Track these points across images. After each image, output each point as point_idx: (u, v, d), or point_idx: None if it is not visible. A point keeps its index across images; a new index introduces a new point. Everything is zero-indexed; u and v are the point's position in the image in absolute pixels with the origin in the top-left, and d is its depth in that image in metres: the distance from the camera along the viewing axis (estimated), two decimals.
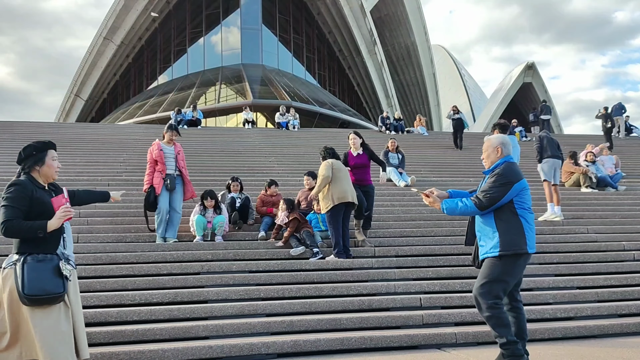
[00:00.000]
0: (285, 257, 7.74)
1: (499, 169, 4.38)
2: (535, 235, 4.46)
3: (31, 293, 3.32)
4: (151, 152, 8.31)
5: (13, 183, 3.51)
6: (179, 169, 8.34)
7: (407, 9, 47.87)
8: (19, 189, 3.48)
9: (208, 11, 41.21)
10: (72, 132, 19.14)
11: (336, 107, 39.01)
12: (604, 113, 21.02)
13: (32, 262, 3.41)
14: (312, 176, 9.06)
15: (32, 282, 3.34)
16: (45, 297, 3.36)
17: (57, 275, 3.44)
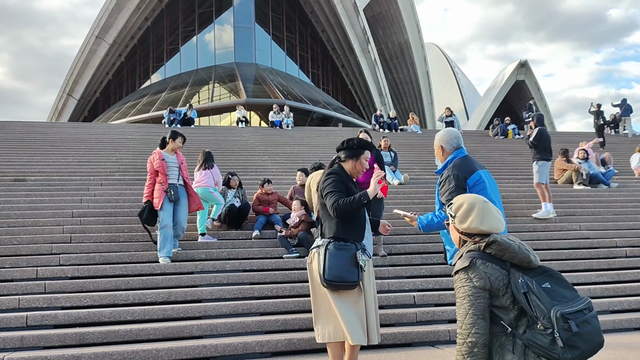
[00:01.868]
0: (279, 255, 7.74)
1: (448, 170, 4.11)
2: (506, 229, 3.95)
3: (330, 279, 3.62)
4: (151, 162, 7.49)
5: (330, 172, 3.86)
6: (183, 179, 7.63)
7: (401, 7, 47.88)
8: (336, 175, 3.81)
9: (201, 10, 41.08)
10: (64, 131, 19.04)
11: (330, 105, 39.00)
12: (596, 110, 21.11)
13: (333, 249, 3.69)
14: (305, 172, 9.08)
15: (331, 268, 3.64)
16: (341, 284, 3.63)
17: (354, 265, 3.67)
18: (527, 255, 2.28)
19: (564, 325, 2.13)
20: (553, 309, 2.14)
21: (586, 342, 2.16)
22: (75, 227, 8.42)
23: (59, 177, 11.84)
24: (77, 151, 15.30)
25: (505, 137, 22.16)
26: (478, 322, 2.20)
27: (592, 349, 2.19)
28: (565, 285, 2.28)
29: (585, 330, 2.17)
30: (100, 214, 9.12)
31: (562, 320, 2.12)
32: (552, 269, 2.33)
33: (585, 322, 2.19)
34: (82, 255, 7.36)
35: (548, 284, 2.24)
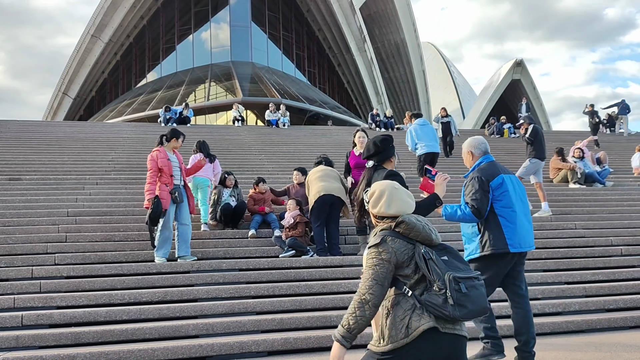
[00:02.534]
0: (275, 254, 7.73)
1: (473, 173, 4.41)
2: (524, 232, 4.36)
3: None
4: (155, 160, 7.25)
5: (390, 173, 3.85)
6: (184, 180, 7.56)
7: (397, 6, 47.86)
8: (399, 177, 3.82)
9: (197, 8, 40.99)
10: (59, 130, 18.98)
11: (326, 104, 38.99)
12: (590, 110, 21.18)
13: None
14: (301, 172, 9.07)
15: None
16: None
17: None
18: (429, 234, 2.74)
19: (455, 286, 2.55)
20: (447, 273, 2.59)
21: (473, 303, 2.59)
22: (70, 227, 8.39)
23: (54, 176, 11.80)
24: (73, 150, 15.26)
25: (501, 136, 22.23)
26: (375, 286, 2.63)
27: (478, 310, 2.62)
28: (460, 260, 2.74)
29: (473, 293, 2.60)
30: (95, 213, 9.10)
31: (454, 282, 2.56)
32: (450, 247, 2.78)
33: (473, 287, 2.63)
34: (78, 255, 7.33)
35: (446, 257, 2.70)
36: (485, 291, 2.67)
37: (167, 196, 7.18)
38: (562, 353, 5.04)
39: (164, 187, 7.22)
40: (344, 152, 13.70)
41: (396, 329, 2.64)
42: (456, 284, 2.57)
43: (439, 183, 3.66)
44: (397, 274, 2.70)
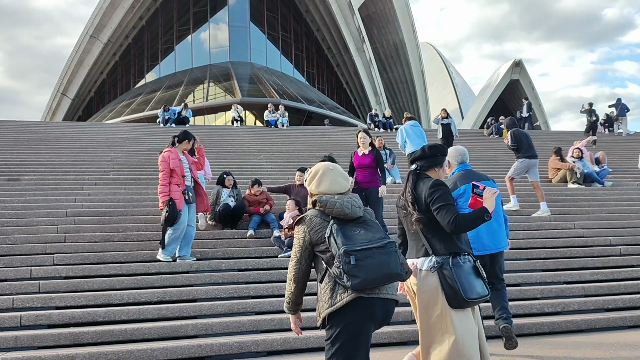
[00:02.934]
0: (274, 254, 7.73)
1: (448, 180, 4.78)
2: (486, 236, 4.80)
3: (473, 297, 3.25)
4: (166, 160, 7.27)
5: (437, 183, 3.46)
6: (194, 180, 7.58)
7: (396, 7, 47.88)
8: (445, 187, 3.47)
9: (195, 9, 40.99)
10: (58, 131, 18.96)
11: (325, 104, 39.00)
12: (588, 108, 21.19)
13: (461, 265, 3.33)
14: (304, 172, 9.08)
15: (470, 285, 3.28)
16: (478, 300, 3.31)
17: (479, 277, 3.39)
18: (342, 209, 2.97)
19: (345, 259, 2.80)
20: (341, 247, 2.82)
21: (366, 273, 2.80)
22: (69, 227, 8.38)
23: (53, 176, 11.79)
24: (72, 150, 15.24)
25: (499, 136, 22.21)
26: (294, 264, 3.05)
27: (376, 278, 2.83)
28: (375, 231, 2.99)
29: (365, 263, 2.81)
30: (94, 214, 9.09)
31: (344, 255, 2.81)
32: (370, 219, 3.05)
33: (368, 257, 2.83)
34: (77, 255, 7.33)
35: (358, 230, 2.95)
36: (389, 258, 2.89)
37: (180, 197, 7.17)
38: (562, 352, 5.04)
39: (176, 187, 7.21)
40: (342, 153, 13.72)
41: (323, 301, 2.92)
42: (346, 257, 2.81)
43: (488, 197, 3.44)
44: (315, 251, 2.97)
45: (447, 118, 16.30)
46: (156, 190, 7.85)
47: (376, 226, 3.04)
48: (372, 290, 2.87)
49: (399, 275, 2.93)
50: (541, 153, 17.17)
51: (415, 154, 3.73)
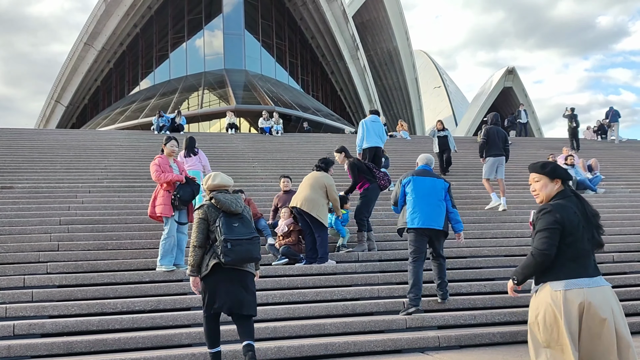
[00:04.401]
0: (268, 262, 7.72)
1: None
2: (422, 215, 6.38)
3: None
4: (157, 164, 7.28)
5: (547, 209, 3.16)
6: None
7: (389, 14, 48.18)
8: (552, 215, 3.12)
9: (190, 16, 41.06)
10: (52, 138, 18.91)
11: (319, 111, 39.08)
12: (569, 114, 21.27)
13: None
14: (289, 178, 9.10)
15: None
16: None
17: None
18: (229, 206, 4.65)
19: (224, 244, 4.49)
20: (223, 236, 4.51)
21: (235, 255, 4.51)
22: (62, 235, 8.36)
23: (46, 184, 11.75)
24: (65, 158, 15.20)
25: None
26: (198, 235, 4.62)
27: (242, 258, 4.57)
28: (248, 226, 4.70)
29: (237, 249, 4.51)
30: (88, 222, 9.06)
31: (224, 242, 4.49)
32: (246, 216, 4.74)
33: (239, 245, 4.53)
34: (70, 264, 7.30)
35: (237, 224, 4.62)
36: (252, 247, 4.63)
37: (168, 202, 7.13)
38: None
39: (167, 193, 7.18)
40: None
41: (204, 264, 4.63)
42: (225, 243, 4.49)
43: None
44: (209, 229, 4.64)
45: (444, 130, 15.35)
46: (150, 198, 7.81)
47: (249, 223, 4.74)
48: (237, 264, 4.59)
49: (257, 259, 4.74)
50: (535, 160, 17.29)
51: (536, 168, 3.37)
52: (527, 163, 18.07)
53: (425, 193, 6.46)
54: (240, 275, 4.61)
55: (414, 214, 6.39)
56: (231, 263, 4.49)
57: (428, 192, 6.48)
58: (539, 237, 3.13)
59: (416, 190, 6.48)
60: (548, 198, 3.27)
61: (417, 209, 6.38)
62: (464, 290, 7.10)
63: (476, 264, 8.02)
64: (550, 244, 3.09)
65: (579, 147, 19.65)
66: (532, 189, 3.33)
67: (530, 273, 3.22)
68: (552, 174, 3.25)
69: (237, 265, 4.56)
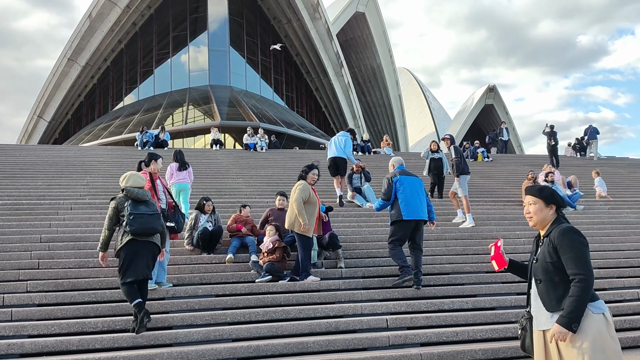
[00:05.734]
0: (252, 279, 7.71)
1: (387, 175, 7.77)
2: (414, 208, 7.40)
3: None
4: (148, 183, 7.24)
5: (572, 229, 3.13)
6: (168, 204, 7.42)
7: (373, 33, 48.80)
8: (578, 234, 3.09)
9: (175, 33, 41.16)
10: (33, 154, 18.73)
11: (304, 128, 39.24)
12: (549, 131, 21.59)
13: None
14: (284, 196, 9.14)
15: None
16: None
17: None
18: (136, 194, 6.07)
19: (129, 217, 5.89)
20: (128, 211, 5.93)
21: (138, 224, 5.86)
22: (43, 253, 8.26)
23: (27, 201, 11.62)
24: (47, 174, 15.05)
25: (475, 159, 22.59)
26: (108, 221, 6.07)
27: (145, 229, 5.91)
28: (151, 207, 6.13)
29: (139, 220, 5.89)
30: (69, 239, 8.97)
31: (129, 215, 5.89)
32: (151, 201, 6.23)
33: (141, 217, 5.91)
34: (50, 282, 7.21)
35: (142, 206, 6.04)
36: (154, 220, 6.04)
37: None
38: None
39: None
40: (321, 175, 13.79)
41: (118, 239, 5.98)
42: (130, 216, 5.89)
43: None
44: (119, 215, 6.02)
45: (438, 152, 13.89)
46: None
47: (152, 205, 6.17)
48: (141, 237, 5.90)
49: (158, 230, 6.05)
50: (516, 176, 17.52)
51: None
52: (509, 180, 18.39)
53: (412, 189, 7.54)
54: (148, 247, 5.96)
55: (407, 208, 7.37)
56: (137, 232, 5.85)
57: (415, 188, 7.58)
58: (578, 260, 3.01)
59: (405, 187, 7.49)
60: (542, 223, 3.26)
61: (409, 203, 7.40)
62: (447, 307, 7.14)
63: (458, 281, 8.08)
64: (590, 263, 3.06)
65: (558, 164, 19.97)
66: (527, 211, 3.32)
67: (585, 303, 3.01)
68: (549, 199, 3.25)
69: (143, 236, 5.89)
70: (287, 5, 39.64)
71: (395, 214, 7.44)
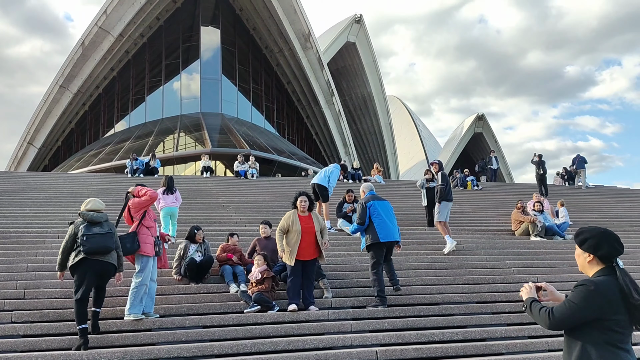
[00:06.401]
0: (240, 310, 7.64)
1: (360, 202, 8.35)
2: (388, 231, 8.04)
3: None
4: (135, 204, 7.40)
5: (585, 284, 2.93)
6: (160, 233, 7.55)
7: (364, 62, 49.47)
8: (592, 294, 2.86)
9: (168, 61, 41.48)
10: (22, 181, 18.61)
11: (295, 155, 39.37)
12: (537, 160, 21.77)
13: None
14: (268, 225, 9.12)
15: None
16: None
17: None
18: (90, 217, 6.56)
19: (83, 238, 6.37)
20: (82, 232, 6.43)
21: (91, 244, 6.35)
22: (29, 282, 8.15)
23: (15, 229, 11.51)
24: (35, 202, 14.95)
25: (464, 188, 22.71)
26: (65, 244, 6.54)
27: (97, 247, 6.38)
28: (105, 228, 6.57)
29: (91, 240, 6.36)
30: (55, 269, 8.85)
31: (82, 236, 6.38)
32: (106, 223, 6.68)
33: (93, 238, 6.38)
34: (36, 312, 7.11)
35: (97, 228, 6.53)
36: (106, 239, 6.48)
37: (151, 241, 7.11)
38: None
39: (147, 230, 7.14)
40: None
41: (71, 259, 6.40)
42: (83, 237, 6.36)
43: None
44: (76, 237, 6.42)
45: (433, 180, 13.01)
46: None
47: (107, 225, 6.59)
48: (94, 255, 6.33)
49: (111, 247, 6.46)
50: (505, 205, 17.62)
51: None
52: (498, 208, 18.42)
53: (385, 213, 8.17)
54: (101, 265, 6.39)
55: (382, 231, 7.97)
56: (89, 252, 6.28)
57: (387, 212, 8.21)
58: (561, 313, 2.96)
59: (380, 212, 8.11)
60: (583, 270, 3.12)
61: (384, 227, 8.03)
62: (437, 338, 7.10)
63: (449, 311, 8.05)
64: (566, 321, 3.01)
65: (547, 193, 20.12)
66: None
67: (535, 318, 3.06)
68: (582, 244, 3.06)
69: (96, 255, 6.32)
70: (278, 35, 40.17)
71: (372, 237, 7.97)
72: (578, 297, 2.90)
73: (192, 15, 41.56)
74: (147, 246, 7.06)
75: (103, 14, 35.18)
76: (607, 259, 2.98)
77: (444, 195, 11.51)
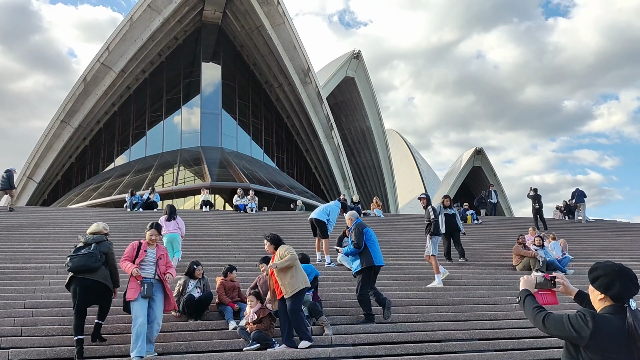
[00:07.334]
0: (239, 347, 7.54)
1: (354, 226, 8.86)
2: (379, 255, 8.75)
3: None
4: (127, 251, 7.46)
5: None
6: (159, 275, 7.32)
7: (362, 96, 50.06)
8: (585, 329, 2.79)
9: (169, 96, 41.95)
10: (21, 216, 18.58)
11: (294, 189, 39.42)
12: (533, 194, 21.86)
13: None
14: (266, 262, 9.06)
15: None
16: None
17: None
18: (84, 241, 7.35)
19: (67, 259, 7.23)
20: (70, 257, 7.22)
21: (73, 264, 7.10)
22: (26, 319, 8.06)
23: (13, 264, 11.44)
24: (34, 237, 14.90)
25: (464, 222, 22.68)
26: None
27: (79, 266, 7.09)
28: (87, 253, 7.19)
29: (73, 260, 7.13)
30: (53, 305, 8.78)
31: (68, 258, 7.22)
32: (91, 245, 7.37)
33: (75, 257, 7.14)
34: (33, 350, 7.01)
35: (83, 249, 7.25)
36: (87, 258, 7.06)
37: (136, 287, 7.05)
38: None
39: (132, 276, 7.11)
40: (310, 238, 13.76)
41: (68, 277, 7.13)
42: (68, 257, 7.18)
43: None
44: None
45: (451, 207, 13.16)
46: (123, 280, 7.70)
47: (96, 247, 7.17)
48: (79, 273, 6.98)
49: (91, 266, 6.98)
50: (506, 239, 17.57)
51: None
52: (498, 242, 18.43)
53: (374, 239, 8.80)
54: (88, 282, 6.94)
55: (376, 255, 8.62)
56: (72, 270, 7.03)
57: (375, 238, 8.84)
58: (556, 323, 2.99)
59: (372, 238, 8.74)
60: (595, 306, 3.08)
61: (377, 251, 8.68)
62: None
63: (450, 349, 7.94)
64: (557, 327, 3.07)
65: (546, 227, 20.07)
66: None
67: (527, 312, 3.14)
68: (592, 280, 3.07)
69: (80, 273, 6.96)
70: (278, 71, 40.76)
71: (367, 261, 8.52)
72: (575, 323, 2.84)
73: (193, 52, 42.27)
74: (130, 291, 7.06)
75: (105, 51, 35.74)
76: (618, 299, 2.89)
77: (436, 229, 11.58)
